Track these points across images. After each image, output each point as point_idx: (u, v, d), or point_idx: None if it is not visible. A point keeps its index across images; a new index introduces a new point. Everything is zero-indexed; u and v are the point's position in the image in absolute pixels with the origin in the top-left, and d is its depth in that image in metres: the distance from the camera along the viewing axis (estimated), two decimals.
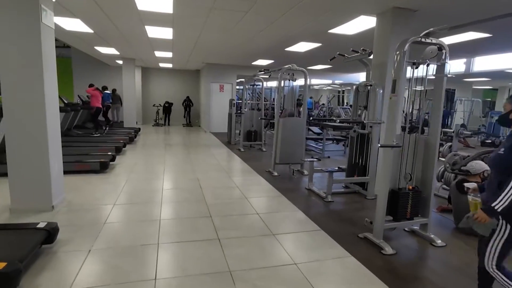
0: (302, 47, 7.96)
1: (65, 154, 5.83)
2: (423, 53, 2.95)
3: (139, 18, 5.72)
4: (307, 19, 5.39)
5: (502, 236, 1.86)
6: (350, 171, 5.16)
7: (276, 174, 5.99)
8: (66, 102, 8.30)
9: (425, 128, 3.53)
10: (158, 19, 5.70)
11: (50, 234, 2.73)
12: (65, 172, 5.07)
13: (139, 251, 2.84)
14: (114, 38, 7.82)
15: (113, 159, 6.07)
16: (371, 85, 4.66)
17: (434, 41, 2.92)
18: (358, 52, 4.78)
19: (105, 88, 11.34)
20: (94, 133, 9.28)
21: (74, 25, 6.48)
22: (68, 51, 13.24)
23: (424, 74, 3.08)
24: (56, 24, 6.43)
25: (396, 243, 3.21)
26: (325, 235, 3.38)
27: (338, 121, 5.93)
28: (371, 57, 4.86)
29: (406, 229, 3.53)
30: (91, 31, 6.99)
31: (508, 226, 1.84)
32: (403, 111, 3.59)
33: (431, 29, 2.85)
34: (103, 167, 5.47)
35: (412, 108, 3.26)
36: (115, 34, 7.28)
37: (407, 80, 3.12)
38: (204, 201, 4.27)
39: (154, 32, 6.81)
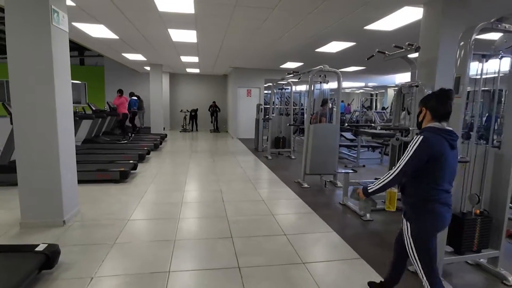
0: (334, 47, 7.38)
1: (87, 162, 5.76)
2: (495, 43, 2.33)
3: (161, 21, 5.48)
4: (341, 15, 4.84)
5: (408, 235, 1.87)
6: None
7: (306, 185, 5.44)
8: (94, 109, 8.33)
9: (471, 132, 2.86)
10: (180, 20, 5.42)
11: (49, 258, 2.41)
12: (86, 182, 4.92)
13: (147, 281, 2.45)
14: (139, 44, 7.71)
15: (134, 167, 5.85)
16: (417, 86, 4.02)
17: (509, 28, 2.29)
18: (401, 48, 4.15)
19: (132, 94, 11.38)
20: (121, 139, 9.27)
21: (99, 31, 6.41)
22: (102, 60, 13.57)
23: (492, 69, 2.46)
24: (83, 32, 6.41)
25: (459, 281, 2.57)
26: (366, 265, 2.82)
27: (379, 128, 5.26)
28: (416, 54, 4.22)
29: (469, 261, 2.86)
30: (116, 37, 6.91)
31: (408, 224, 1.87)
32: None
33: (509, 13, 2.23)
34: (123, 177, 5.23)
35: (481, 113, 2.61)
36: (140, 39, 7.15)
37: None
38: (225, 218, 3.85)
39: (178, 35, 6.58)
